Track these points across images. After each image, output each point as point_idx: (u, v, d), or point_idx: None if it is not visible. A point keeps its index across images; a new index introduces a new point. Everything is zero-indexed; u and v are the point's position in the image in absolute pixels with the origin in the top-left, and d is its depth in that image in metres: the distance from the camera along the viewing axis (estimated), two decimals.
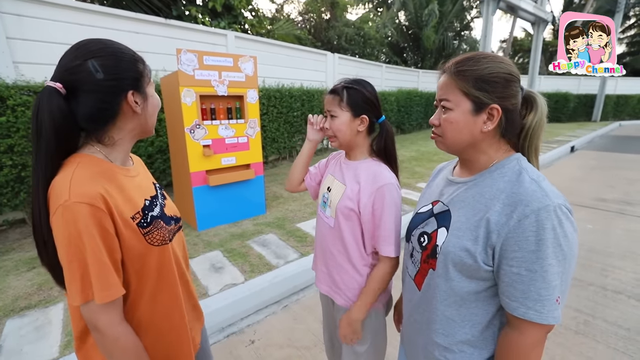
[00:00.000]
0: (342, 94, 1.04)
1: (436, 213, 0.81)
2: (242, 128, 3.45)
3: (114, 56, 0.71)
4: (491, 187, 0.71)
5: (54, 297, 2.28)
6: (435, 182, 0.93)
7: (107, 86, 0.70)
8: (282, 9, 14.83)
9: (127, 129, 0.77)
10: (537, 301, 0.61)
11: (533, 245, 0.61)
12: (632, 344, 1.90)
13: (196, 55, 2.97)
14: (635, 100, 16.65)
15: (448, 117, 0.73)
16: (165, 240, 0.80)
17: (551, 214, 0.61)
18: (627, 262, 2.83)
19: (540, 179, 0.67)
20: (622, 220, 3.80)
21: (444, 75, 0.75)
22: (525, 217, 0.62)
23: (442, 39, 14.69)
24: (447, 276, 0.73)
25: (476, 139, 0.73)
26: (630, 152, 8.37)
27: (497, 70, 0.69)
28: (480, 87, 0.69)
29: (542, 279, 0.61)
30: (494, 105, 0.69)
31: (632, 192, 4.84)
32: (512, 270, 0.63)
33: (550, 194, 0.63)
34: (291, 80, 6.71)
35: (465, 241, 0.70)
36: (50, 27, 3.74)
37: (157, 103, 0.81)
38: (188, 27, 5.14)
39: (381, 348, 1.19)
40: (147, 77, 0.78)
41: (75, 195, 0.64)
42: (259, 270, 2.59)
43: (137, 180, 0.82)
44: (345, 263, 1.10)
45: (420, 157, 7.07)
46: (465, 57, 0.73)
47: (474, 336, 0.73)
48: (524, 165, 0.71)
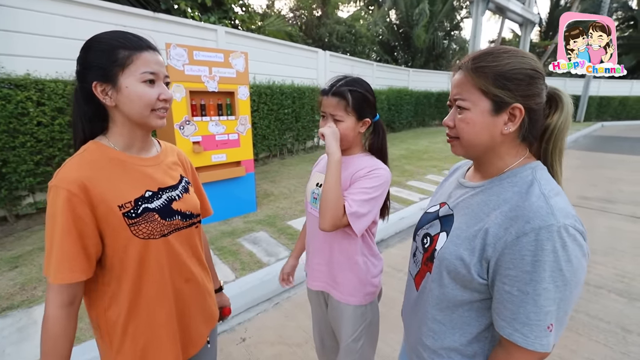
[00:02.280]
0: (348, 98, 1.01)
1: (441, 216, 0.78)
2: (233, 125, 3.42)
3: (87, 47, 0.73)
4: (498, 196, 0.66)
5: (37, 297, 2.22)
6: (449, 181, 0.89)
7: (79, 78, 0.74)
8: (273, 5, 14.69)
9: (118, 121, 0.77)
10: (525, 325, 0.58)
11: (528, 266, 0.56)
12: (613, 336, 1.97)
13: (186, 50, 2.92)
14: (616, 102, 17.17)
15: (464, 118, 0.67)
16: (153, 234, 0.78)
17: (553, 235, 0.55)
18: (608, 258, 2.93)
19: (551, 194, 0.60)
20: (603, 217, 3.92)
21: (460, 72, 0.68)
22: (525, 234, 0.57)
23: (432, 38, 14.82)
24: (441, 282, 0.71)
25: (495, 142, 0.67)
26: (612, 152, 8.63)
27: (520, 66, 0.63)
28: (502, 85, 0.63)
29: (534, 303, 0.56)
30: (517, 104, 0.63)
31: (613, 191, 5.00)
32: (505, 288, 0.59)
33: (558, 212, 0.57)
34: (282, 77, 6.67)
35: (461, 250, 0.66)
36: (31, 18, 3.62)
37: (136, 95, 0.73)
38: (177, 22, 5.04)
39: (375, 337, 1.20)
40: (125, 65, 0.72)
41: (59, 179, 0.69)
42: (250, 268, 2.58)
43: (149, 170, 0.82)
44: (341, 255, 1.10)
45: (410, 156, 7.14)
46: (484, 52, 0.67)
47: (462, 344, 0.71)
48: (539, 176, 0.64)
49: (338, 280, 1.12)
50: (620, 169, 6.52)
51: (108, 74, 0.72)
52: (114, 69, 0.72)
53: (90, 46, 0.73)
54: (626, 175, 5.97)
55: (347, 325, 1.13)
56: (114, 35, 0.74)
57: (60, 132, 3.44)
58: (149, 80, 0.75)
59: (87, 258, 0.71)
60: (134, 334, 0.80)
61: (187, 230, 0.88)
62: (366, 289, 1.12)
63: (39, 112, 3.29)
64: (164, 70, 0.78)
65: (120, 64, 0.72)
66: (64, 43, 3.84)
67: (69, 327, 0.72)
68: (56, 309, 0.70)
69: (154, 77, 0.75)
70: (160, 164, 0.86)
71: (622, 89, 17.76)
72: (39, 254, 2.82)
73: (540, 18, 19.44)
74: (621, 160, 7.52)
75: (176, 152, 0.97)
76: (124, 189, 0.75)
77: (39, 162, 3.38)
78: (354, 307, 1.11)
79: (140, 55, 0.73)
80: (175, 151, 0.97)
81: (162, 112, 0.79)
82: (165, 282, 0.82)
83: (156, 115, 0.78)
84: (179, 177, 0.90)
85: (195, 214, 0.91)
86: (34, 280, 2.40)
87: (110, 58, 0.71)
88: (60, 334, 0.71)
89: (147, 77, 0.74)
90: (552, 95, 0.68)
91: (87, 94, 0.74)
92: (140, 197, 0.77)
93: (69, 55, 3.85)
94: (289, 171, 5.73)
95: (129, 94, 0.73)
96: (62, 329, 0.71)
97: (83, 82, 0.73)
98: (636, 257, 2.95)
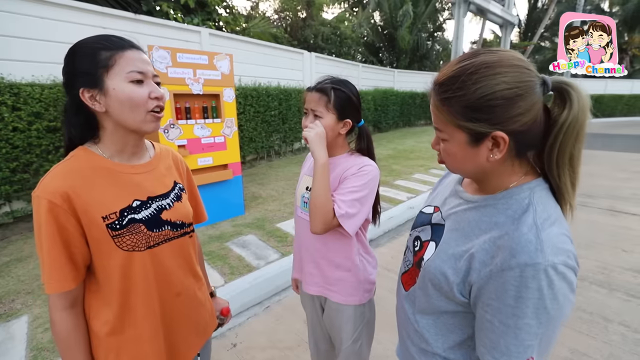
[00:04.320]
0: (330, 95, 1.00)
1: (433, 223, 0.75)
2: (219, 127, 3.37)
3: (71, 53, 0.71)
4: (490, 218, 0.61)
5: (16, 310, 2.12)
6: (447, 181, 0.85)
7: (66, 86, 0.72)
8: (258, 7, 14.63)
9: (109, 128, 0.75)
10: (504, 354, 0.55)
11: (511, 300, 0.52)
12: (595, 326, 2.03)
13: (169, 52, 2.87)
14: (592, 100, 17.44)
15: (445, 148, 0.62)
16: (138, 246, 0.75)
17: (539, 274, 0.50)
18: (589, 251, 3.03)
19: (546, 224, 0.54)
20: (583, 212, 4.05)
21: (432, 97, 0.60)
22: (510, 269, 0.52)
23: (416, 39, 15.03)
24: (426, 292, 0.69)
25: (484, 168, 0.60)
26: (591, 148, 8.95)
27: (492, 90, 0.52)
28: (471, 118, 0.54)
29: (514, 336, 0.53)
30: (496, 133, 0.54)
31: (592, 186, 5.17)
32: (486, 317, 0.57)
33: (548, 249, 0.51)
34: (268, 79, 6.63)
35: (446, 268, 0.64)
36: (3, 20, 3.47)
37: (126, 96, 0.70)
38: (159, 23, 4.94)
39: (371, 334, 1.21)
40: (109, 66, 0.69)
41: (41, 190, 0.67)
42: (239, 272, 2.55)
43: (139, 178, 0.79)
44: (337, 257, 1.10)
45: (397, 155, 7.22)
46: (450, 75, 0.56)
47: (445, 351, 0.70)
48: (536, 199, 0.57)
49: (335, 282, 1.11)
50: (598, 165, 6.77)
51: (93, 78, 0.69)
52: (97, 71, 0.69)
53: (74, 52, 0.71)
54: (603, 171, 6.19)
55: (347, 326, 1.12)
56: (96, 39, 0.71)
57: (38, 138, 3.31)
58: (136, 80, 0.71)
59: (74, 266, 0.71)
60: (117, 349, 0.78)
61: (180, 241, 0.85)
62: (364, 286, 1.12)
63: (15, 117, 3.16)
64: (151, 69, 0.75)
65: (104, 65, 0.69)
66: (40, 45, 3.71)
67: (77, 325, 0.74)
68: (58, 312, 0.72)
69: (142, 76, 0.72)
70: (153, 170, 0.83)
71: (597, 88, 18.48)
72: (17, 265, 2.70)
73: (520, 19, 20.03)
74: (598, 156, 7.81)
75: (171, 155, 0.94)
76: (109, 199, 0.73)
77: (15, 170, 3.24)
78: (354, 307, 1.11)
79: (124, 54, 0.70)
80: (170, 154, 0.94)
81: (157, 112, 0.75)
82: (152, 296, 0.79)
83: (151, 117, 0.74)
84: (171, 184, 0.87)
85: (187, 223, 0.88)
86: (12, 293, 2.30)
87: (93, 61, 0.69)
88: (70, 334, 0.72)
89: (135, 77, 0.71)
90: (558, 90, 0.56)
91: (75, 103, 0.71)
92: (127, 207, 0.74)
93: (46, 58, 3.73)
94: (277, 173, 5.70)
95: (118, 96, 0.70)
96: (69, 329, 0.72)
97: (71, 91, 0.71)
98: (615, 249, 3.06)
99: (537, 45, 20.78)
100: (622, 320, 2.08)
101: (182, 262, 0.87)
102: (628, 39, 19.29)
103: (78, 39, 0.72)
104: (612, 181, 5.45)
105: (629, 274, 2.63)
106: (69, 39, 3.90)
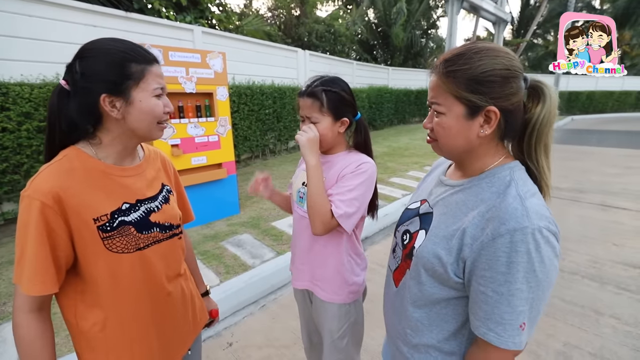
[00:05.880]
0: (322, 98, 1.00)
1: (421, 213, 0.79)
2: (213, 126, 3.35)
3: (95, 58, 0.70)
4: (476, 196, 0.67)
5: (8, 313, 2.10)
6: (430, 177, 0.90)
7: (82, 87, 0.70)
8: (251, 5, 14.51)
9: (115, 133, 0.75)
10: (499, 324, 0.59)
11: (503, 267, 0.57)
12: (586, 319, 2.07)
13: (161, 50, 2.84)
14: (584, 96, 18.05)
15: (440, 122, 0.67)
16: (127, 248, 0.76)
17: (527, 237, 0.56)
18: (581, 245, 3.07)
19: (527, 195, 0.61)
20: (575, 207, 4.11)
21: (433, 75, 0.67)
22: (500, 235, 0.57)
23: (410, 37, 15.07)
24: (419, 279, 0.71)
25: (473, 145, 0.67)
26: (581, 144, 9.08)
27: (492, 67, 0.61)
28: (474, 89, 0.62)
29: (508, 303, 0.58)
30: (491, 107, 0.62)
31: (583, 181, 5.25)
32: (480, 289, 0.60)
33: (533, 214, 0.57)
34: (262, 77, 6.60)
35: (439, 249, 0.67)
36: None
37: (149, 109, 0.74)
38: (151, 21, 4.89)
39: (360, 335, 1.21)
40: (140, 80, 0.72)
41: (32, 190, 0.67)
42: (235, 271, 2.54)
43: (129, 181, 0.80)
44: (324, 254, 1.10)
45: (392, 153, 7.24)
46: (456, 53, 0.64)
47: (439, 342, 0.72)
48: (517, 176, 0.65)
49: (321, 279, 1.12)
50: (589, 161, 6.87)
51: (120, 88, 0.71)
52: (126, 82, 0.71)
53: (97, 57, 0.70)
54: (594, 167, 6.28)
55: (331, 322, 1.13)
56: (125, 48, 0.72)
57: (28, 139, 3.27)
58: (158, 95, 0.76)
59: (58, 270, 0.70)
60: (107, 350, 0.78)
61: (168, 242, 0.86)
62: (350, 287, 1.12)
63: (4, 117, 3.11)
64: (165, 83, 0.80)
65: (135, 78, 0.72)
66: (30, 44, 3.64)
67: (44, 329, 0.71)
68: (25, 314, 0.69)
69: (162, 91, 0.78)
70: (142, 173, 0.84)
71: (589, 84, 18.68)
72: (8, 267, 2.66)
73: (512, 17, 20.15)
74: (590, 152, 7.92)
75: (159, 157, 0.95)
76: (100, 201, 0.73)
77: (5, 171, 3.20)
78: (338, 305, 1.12)
79: (151, 69, 0.74)
80: (158, 156, 0.95)
81: (165, 123, 0.81)
82: (141, 297, 0.80)
83: (160, 126, 0.79)
84: (159, 187, 0.88)
85: (175, 225, 0.89)
86: (3, 296, 2.26)
87: (122, 72, 0.70)
88: (36, 340, 0.69)
89: (158, 92, 0.76)
90: (534, 88, 0.66)
91: (86, 105, 0.71)
92: (117, 209, 0.75)
93: (35, 57, 3.68)
94: (272, 172, 5.68)
95: (142, 108, 0.73)
96: (35, 333, 0.69)
97: (85, 94, 0.70)
98: (606, 243, 3.12)
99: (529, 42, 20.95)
100: (613, 313, 2.12)
101: (172, 262, 0.88)
102: (618, 36, 19.52)
103: (68, 37, 0.73)
104: (603, 176, 5.53)
105: (620, 267, 2.68)
106: (59, 38, 3.87)
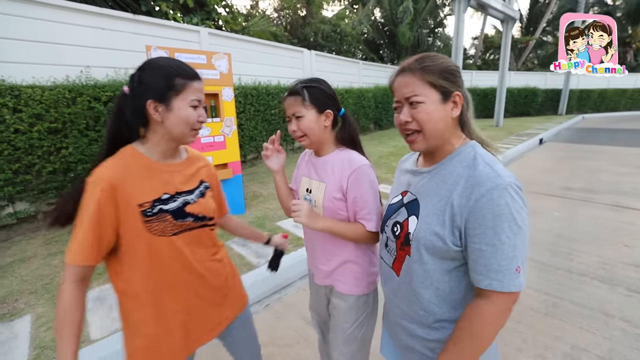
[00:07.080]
0: (303, 94, 1.06)
1: (406, 203, 0.86)
2: (218, 127, 3.38)
3: (151, 70, 0.87)
4: (452, 173, 0.77)
5: (19, 310, 2.15)
6: (402, 174, 0.98)
7: (136, 93, 0.86)
8: (257, 5, 14.60)
9: (160, 133, 0.90)
10: (499, 272, 0.68)
11: (490, 222, 0.67)
12: (595, 322, 2.03)
13: (167, 52, 2.88)
14: (595, 95, 17.69)
15: (422, 110, 0.76)
16: (165, 232, 0.89)
17: (504, 192, 0.67)
18: (591, 246, 3.01)
19: (492, 162, 0.74)
20: (586, 207, 4.03)
21: (406, 73, 0.78)
22: (482, 196, 0.68)
23: (416, 35, 14.96)
24: (422, 260, 0.78)
25: (449, 127, 0.79)
26: (593, 143, 8.89)
27: (450, 64, 0.79)
28: (445, 77, 0.76)
29: (501, 252, 0.67)
30: (457, 92, 0.77)
31: (594, 181, 5.15)
32: (475, 247, 0.70)
33: (502, 173, 0.70)
34: (268, 78, 6.63)
35: (434, 226, 0.75)
36: (3, 22, 3.49)
37: (185, 117, 0.88)
38: (158, 23, 4.95)
39: (373, 325, 1.24)
40: (180, 92, 0.87)
41: (95, 177, 0.82)
42: (240, 270, 2.55)
43: (171, 175, 0.94)
44: (344, 250, 1.14)
45: (398, 153, 7.19)
46: (421, 56, 0.79)
47: (451, 314, 0.79)
48: (479, 151, 0.78)
49: (342, 273, 1.16)
50: (600, 160, 6.73)
51: (163, 96, 0.86)
52: (169, 92, 0.86)
53: (152, 69, 0.87)
54: (606, 166, 6.15)
55: (350, 313, 1.15)
56: (173, 64, 0.88)
57: (40, 139, 3.34)
58: (194, 105, 0.90)
59: (100, 248, 0.83)
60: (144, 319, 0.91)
61: (198, 231, 0.99)
62: (369, 278, 1.17)
63: (16, 119, 3.19)
64: (203, 96, 0.94)
65: (177, 90, 0.86)
66: (40, 47, 3.73)
67: (79, 299, 0.83)
68: (70, 283, 0.82)
69: (198, 103, 0.91)
70: (183, 170, 0.99)
71: (600, 82, 18.28)
72: (20, 265, 2.73)
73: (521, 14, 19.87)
74: (601, 151, 7.76)
75: (203, 160, 1.10)
76: (145, 190, 0.87)
77: (17, 171, 3.28)
78: (357, 296, 1.15)
79: (192, 84, 0.89)
80: (202, 159, 1.10)
81: (198, 131, 0.94)
82: (176, 276, 0.93)
83: (193, 132, 0.93)
84: (197, 183, 1.01)
85: (208, 217, 1.02)
86: (15, 293, 2.32)
87: (168, 83, 0.86)
88: (72, 305, 0.82)
89: (194, 104, 0.90)
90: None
91: (137, 108, 0.86)
92: (158, 198, 0.89)
93: (46, 59, 3.76)
94: None
95: (179, 115, 0.88)
96: (74, 300, 0.82)
97: (138, 98, 0.85)
98: (617, 244, 3.05)
99: (539, 40, 20.61)
100: (624, 315, 2.07)
101: (202, 248, 1.01)
102: (632, 32, 19.07)
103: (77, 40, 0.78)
104: (615, 176, 5.41)
105: (631, 269, 2.61)
106: (68, 41, 3.94)
